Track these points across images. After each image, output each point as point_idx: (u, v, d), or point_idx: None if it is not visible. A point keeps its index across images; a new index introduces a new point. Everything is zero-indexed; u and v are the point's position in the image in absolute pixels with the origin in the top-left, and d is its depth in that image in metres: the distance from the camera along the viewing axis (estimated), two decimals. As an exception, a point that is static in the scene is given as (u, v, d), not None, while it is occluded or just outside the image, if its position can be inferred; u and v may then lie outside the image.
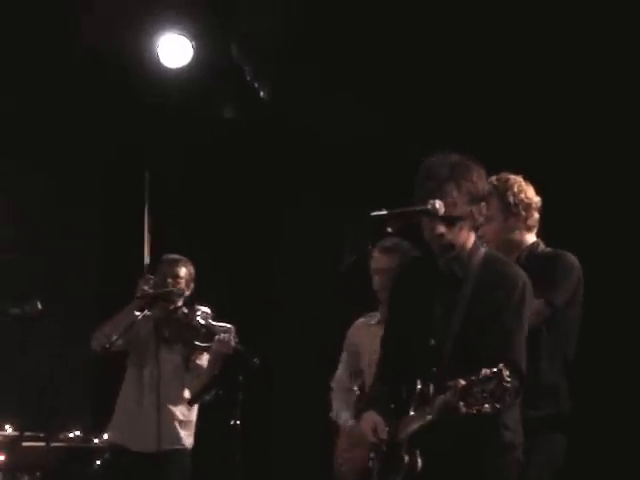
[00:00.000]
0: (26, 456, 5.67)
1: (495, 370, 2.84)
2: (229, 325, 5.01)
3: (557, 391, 3.77)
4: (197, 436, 5.24)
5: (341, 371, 4.93)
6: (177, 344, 5.19)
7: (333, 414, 4.84)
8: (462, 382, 2.87)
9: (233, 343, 4.92)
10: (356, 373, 4.85)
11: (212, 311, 5.09)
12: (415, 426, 3.10)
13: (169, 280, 5.20)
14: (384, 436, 3.23)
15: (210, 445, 5.29)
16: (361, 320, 4.94)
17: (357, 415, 4.62)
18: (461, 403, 2.86)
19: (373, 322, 4.85)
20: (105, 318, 5.25)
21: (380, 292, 4.68)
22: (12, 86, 6.61)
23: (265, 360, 4.96)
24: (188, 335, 5.09)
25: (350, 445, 4.56)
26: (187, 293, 5.27)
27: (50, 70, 6.65)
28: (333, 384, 4.93)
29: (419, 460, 3.10)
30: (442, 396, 2.98)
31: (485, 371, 2.85)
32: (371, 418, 3.30)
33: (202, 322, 4.99)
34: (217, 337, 4.95)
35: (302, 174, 6.92)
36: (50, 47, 6.57)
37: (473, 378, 2.86)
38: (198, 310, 5.08)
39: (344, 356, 4.93)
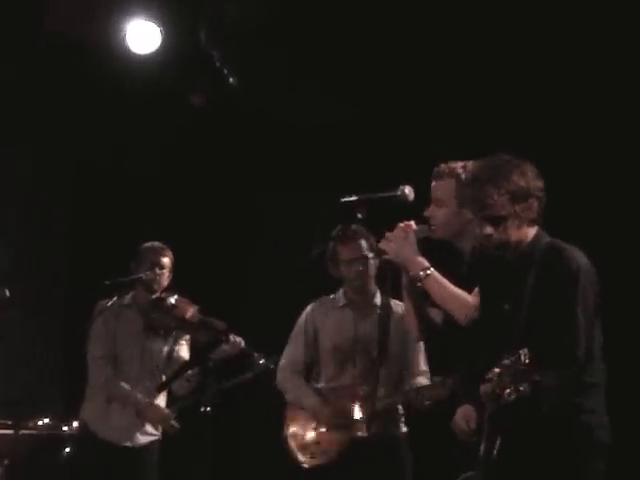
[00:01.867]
0: (-6, 444, 5.65)
1: (514, 356, 2.93)
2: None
3: None
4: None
5: (296, 352, 4.91)
6: (164, 334, 5.16)
7: (290, 396, 4.84)
8: (496, 370, 2.97)
9: (243, 344, 4.90)
10: (312, 355, 4.86)
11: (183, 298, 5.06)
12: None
13: (156, 269, 5.18)
14: (474, 426, 3.49)
15: (181, 432, 5.29)
16: (324, 300, 4.96)
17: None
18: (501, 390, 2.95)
19: (340, 304, 4.87)
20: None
21: (355, 280, 4.72)
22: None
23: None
24: (175, 326, 5.05)
25: (321, 428, 4.61)
26: (166, 283, 5.25)
27: (15, 57, 6.58)
28: (284, 365, 4.90)
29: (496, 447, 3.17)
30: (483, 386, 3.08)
31: (508, 358, 2.95)
32: (465, 411, 3.71)
33: (199, 317, 4.92)
34: (230, 338, 4.85)
35: (272, 160, 6.91)
36: (15, 34, 6.50)
37: (502, 364, 2.96)
38: (187, 304, 5.00)
39: (300, 337, 4.91)
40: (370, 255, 4.65)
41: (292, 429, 4.78)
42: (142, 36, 6.55)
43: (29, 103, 6.76)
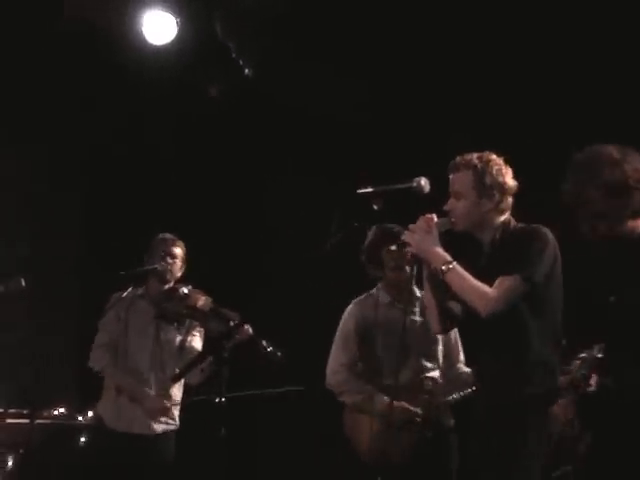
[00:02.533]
0: (10, 433, 5.66)
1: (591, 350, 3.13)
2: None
3: (553, 367, 3.78)
4: (182, 414, 5.25)
5: (350, 352, 4.87)
6: (177, 325, 5.16)
7: (353, 398, 4.79)
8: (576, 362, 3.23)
9: (251, 331, 4.87)
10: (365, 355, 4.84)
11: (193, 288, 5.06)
12: None
13: (168, 259, 5.19)
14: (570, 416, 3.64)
15: (195, 423, 5.30)
16: (366, 298, 4.94)
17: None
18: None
19: (386, 301, 4.86)
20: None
21: (402, 282, 4.74)
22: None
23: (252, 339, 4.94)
24: (187, 315, 5.05)
25: (396, 426, 4.58)
26: (179, 274, 5.26)
27: (32, 47, 6.59)
28: (339, 367, 4.86)
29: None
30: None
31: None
32: (564, 402, 3.79)
33: (211, 306, 4.92)
34: (242, 326, 4.86)
35: (288, 151, 6.90)
36: (33, 23, 6.51)
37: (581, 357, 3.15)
38: (200, 294, 5.01)
39: (351, 337, 4.88)
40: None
41: (357, 431, 4.74)
42: (158, 27, 6.56)
43: (46, 90, 6.77)
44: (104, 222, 7.16)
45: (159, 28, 6.56)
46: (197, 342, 5.24)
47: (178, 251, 5.24)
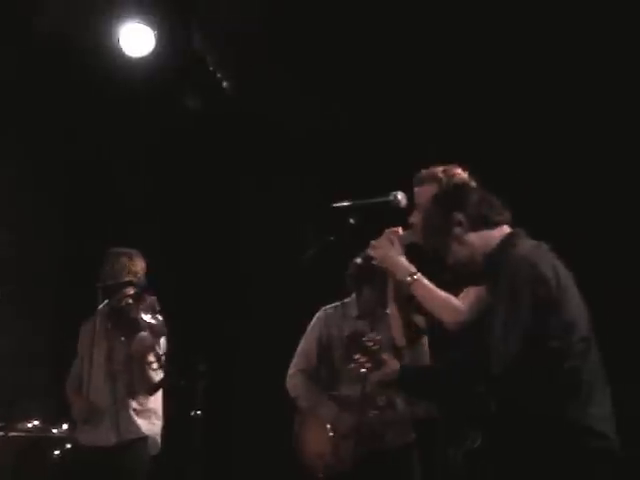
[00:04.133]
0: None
1: None
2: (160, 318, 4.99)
3: None
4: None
5: (310, 359, 4.88)
6: (122, 335, 5.15)
7: (305, 403, 4.81)
8: None
9: (149, 343, 4.89)
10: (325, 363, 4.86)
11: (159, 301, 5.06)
12: None
13: (127, 272, 5.20)
14: None
15: (171, 435, 5.29)
16: (336, 309, 4.95)
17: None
18: None
19: (354, 315, 4.87)
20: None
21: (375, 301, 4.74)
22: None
23: (228, 351, 4.96)
24: (127, 326, 5.05)
25: (338, 437, 4.60)
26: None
27: (7, 57, 6.57)
28: (297, 372, 4.89)
29: None
30: None
31: None
32: None
33: (142, 315, 4.94)
34: (137, 335, 4.92)
35: (266, 164, 6.92)
36: (7, 34, 6.49)
37: None
38: (144, 301, 5.03)
39: (313, 343, 4.90)
40: None
41: (307, 436, 4.74)
42: (136, 39, 6.55)
43: (21, 103, 6.75)
44: (82, 231, 7.13)
45: (137, 40, 6.56)
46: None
47: (140, 265, 5.26)
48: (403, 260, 3.70)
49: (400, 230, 3.77)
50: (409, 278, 3.64)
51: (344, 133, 6.29)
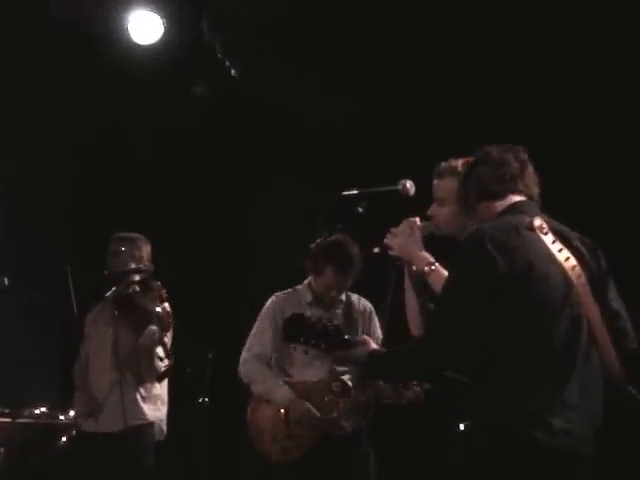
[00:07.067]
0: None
1: None
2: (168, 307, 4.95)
3: None
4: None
5: (265, 343, 4.86)
6: (130, 326, 5.15)
7: (259, 388, 4.80)
8: None
9: (157, 337, 4.87)
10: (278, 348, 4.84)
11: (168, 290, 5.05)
12: None
13: (132, 258, 5.20)
14: None
15: (179, 422, 5.30)
16: (289, 295, 4.94)
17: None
18: None
19: (307, 300, 4.87)
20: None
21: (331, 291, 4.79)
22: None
23: (235, 339, 4.96)
24: (135, 316, 5.02)
25: (293, 422, 4.62)
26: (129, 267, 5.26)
27: (18, 41, 6.58)
28: (252, 356, 4.87)
29: None
30: None
31: None
32: None
33: (150, 305, 4.91)
34: (146, 329, 4.89)
35: (274, 152, 6.91)
36: (17, 25, 6.49)
37: None
38: (151, 288, 5.01)
39: (268, 328, 4.87)
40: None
41: (261, 422, 4.75)
42: (144, 27, 6.55)
43: (31, 87, 6.75)
44: (90, 216, 7.14)
45: (145, 28, 6.55)
46: None
47: (146, 250, 5.25)
48: (422, 250, 3.71)
49: (418, 220, 3.77)
50: (427, 268, 3.65)
51: (353, 121, 6.28)
